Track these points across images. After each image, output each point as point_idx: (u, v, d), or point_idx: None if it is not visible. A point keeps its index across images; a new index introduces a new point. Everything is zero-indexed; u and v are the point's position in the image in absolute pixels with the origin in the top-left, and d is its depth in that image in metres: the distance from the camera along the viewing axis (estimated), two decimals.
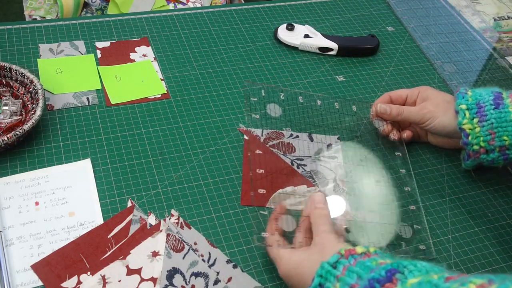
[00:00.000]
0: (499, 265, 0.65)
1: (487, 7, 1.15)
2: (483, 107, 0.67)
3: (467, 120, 0.68)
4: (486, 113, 0.67)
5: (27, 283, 0.57)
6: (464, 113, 0.68)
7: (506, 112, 0.66)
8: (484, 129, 0.67)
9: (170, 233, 0.62)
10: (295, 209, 0.68)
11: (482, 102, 0.68)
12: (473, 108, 0.68)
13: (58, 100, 0.77)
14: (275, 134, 0.76)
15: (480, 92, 0.69)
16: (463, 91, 0.70)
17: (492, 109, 0.67)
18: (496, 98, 0.68)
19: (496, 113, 0.66)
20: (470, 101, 0.68)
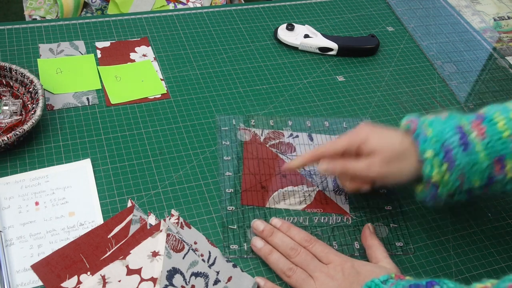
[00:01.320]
0: (499, 265, 0.65)
1: (487, 7, 1.15)
2: (451, 150, 0.58)
3: (436, 171, 0.58)
4: (455, 158, 0.58)
5: (27, 283, 0.57)
6: (431, 163, 0.59)
7: (474, 153, 0.58)
8: (454, 176, 0.59)
9: (170, 233, 0.62)
10: (294, 209, 0.68)
11: (448, 144, 0.58)
12: (439, 153, 0.58)
13: (58, 100, 0.77)
14: (275, 134, 0.76)
15: (442, 129, 0.59)
16: (421, 129, 0.60)
17: (461, 151, 0.58)
18: (462, 137, 0.58)
19: (466, 156, 0.58)
20: (434, 144, 0.59)
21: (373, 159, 0.62)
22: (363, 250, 0.64)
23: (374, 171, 0.62)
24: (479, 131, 0.58)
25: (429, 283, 0.51)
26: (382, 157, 0.62)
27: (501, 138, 0.57)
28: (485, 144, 0.58)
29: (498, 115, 0.59)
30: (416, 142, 0.60)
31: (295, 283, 0.59)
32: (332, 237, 0.66)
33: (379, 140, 0.62)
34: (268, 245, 0.62)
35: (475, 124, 0.59)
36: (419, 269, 0.64)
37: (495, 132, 0.58)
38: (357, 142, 0.63)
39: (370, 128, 0.64)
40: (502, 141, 0.57)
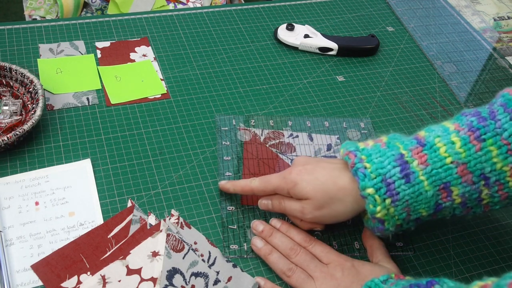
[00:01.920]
0: (499, 265, 0.65)
1: (487, 7, 1.15)
2: (392, 183, 0.55)
3: (380, 207, 0.56)
4: (398, 191, 0.55)
5: (27, 283, 0.57)
6: (374, 199, 0.56)
7: (418, 183, 0.55)
8: (399, 209, 0.56)
9: (170, 233, 0.62)
10: None
11: (388, 177, 0.55)
12: (381, 188, 0.55)
13: (58, 100, 0.77)
14: (275, 134, 0.76)
15: (381, 161, 0.57)
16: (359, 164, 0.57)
17: (404, 184, 0.55)
18: (403, 168, 0.56)
19: (408, 187, 0.55)
20: (374, 179, 0.56)
21: (306, 204, 0.60)
22: (363, 250, 0.64)
23: (308, 215, 0.60)
24: (420, 159, 0.56)
25: (429, 283, 0.51)
26: (314, 202, 0.59)
27: (444, 164, 0.55)
28: (428, 173, 0.55)
29: (439, 141, 0.56)
30: (356, 178, 0.57)
31: (295, 283, 0.59)
32: (332, 237, 0.66)
33: (308, 185, 0.59)
34: (268, 245, 0.62)
35: (416, 152, 0.56)
36: (419, 269, 0.64)
37: (437, 159, 0.56)
38: (287, 187, 0.61)
39: (300, 170, 0.60)
40: (445, 167, 0.55)
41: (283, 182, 0.61)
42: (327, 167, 0.60)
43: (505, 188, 0.56)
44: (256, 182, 0.63)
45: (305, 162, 0.62)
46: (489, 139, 0.55)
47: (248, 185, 0.64)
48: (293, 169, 0.61)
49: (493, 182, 0.56)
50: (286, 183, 0.61)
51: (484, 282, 0.45)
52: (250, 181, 0.64)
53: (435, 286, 0.51)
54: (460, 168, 0.55)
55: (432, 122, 0.82)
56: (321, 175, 0.59)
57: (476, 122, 0.56)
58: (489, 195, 0.57)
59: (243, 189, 0.65)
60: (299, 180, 0.60)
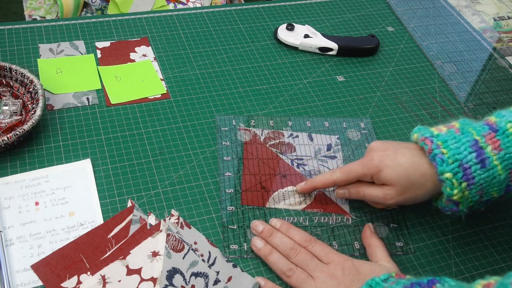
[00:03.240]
0: (499, 265, 0.65)
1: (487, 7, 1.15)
2: (468, 168, 0.58)
3: (457, 191, 0.59)
4: (474, 175, 0.58)
5: (27, 283, 0.57)
6: (451, 183, 0.59)
7: (493, 168, 0.59)
8: (473, 192, 0.59)
9: (170, 233, 0.62)
10: (294, 209, 0.68)
11: (465, 163, 0.59)
12: (458, 173, 0.59)
13: (58, 100, 0.77)
14: (275, 134, 0.76)
15: (457, 147, 0.59)
16: (437, 150, 0.60)
17: (479, 168, 0.58)
18: (478, 154, 0.59)
19: (484, 172, 0.58)
20: (452, 165, 0.59)
21: (389, 191, 0.63)
22: (363, 250, 0.64)
23: (391, 201, 0.63)
24: (493, 145, 0.59)
25: (430, 281, 0.52)
26: (397, 188, 0.62)
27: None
28: (501, 157, 0.58)
29: (511, 126, 0.59)
30: (434, 163, 0.60)
31: (295, 283, 0.59)
32: (332, 237, 0.66)
33: (392, 171, 0.62)
34: (268, 245, 0.62)
35: (489, 138, 0.59)
36: (419, 269, 0.64)
37: (510, 144, 0.59)
38: (370, 173, 0.63)
39: (382, 155, 0.63)
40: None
41: (366, 169, 0.63)
42: (407, 153, 0.63)
43: None
44: (338, 174, 0.65)
45: (385, 148, 0.64)
46: None
47: (329, 179, 0.66)
48: (374, 155, 0.63)
49: None
50: (369, 169, 0.63)
51: (486, 281, 0.45)
52: (331, 174, 0.66)
53: (436, 285, 0.51)
54: None
55: (432, 122, 0.82)
56: (403, 161, 0.62)
57: None
58: None
59: (325, 184, 0.67)
60: (383, 166, 0.62)
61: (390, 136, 0.79)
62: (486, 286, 0.44)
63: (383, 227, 0.67)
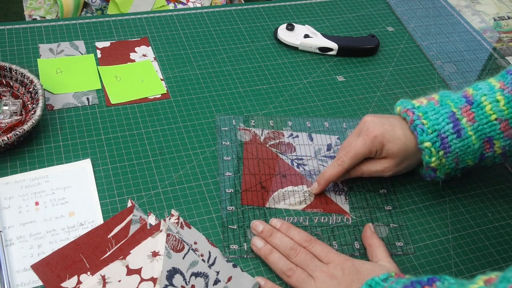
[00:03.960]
0: (499, 265, 0.65)
1: (487, 7, 1.15)
2: (445, 138, 0.64)
3: (434, 158, 0.65)
4: (450, 144, 0.64)
5: (27, 283, 0.57)
6: (430, 151, 0.65)
7: (467, 138, 0.64)
8: (450, 159, 0.65)
9: (170, 233, 0.62)
10: (294, 209, 0.68)
11: (443, 133, 0.64)
12: (436, 142, 0.64)
13: (58, 100, 0.77)
14: (275, 134, 0.76)
15: (436, 119, 0.65)
16: (418, 121, 0.65)
17: (455, 138, 0.64)
18: (455, 125, 0.64)
19: (459, 141, 0.64)
20: (431, 135, 0.64)
21: (388, 164, 0.67)
22: (363, 250, 0.64)
23: (388, 173, 0.68)
24: (468, 117, 0.65)
25: (430, 280, 0.52)
26: (396, 160, 0.67)
27: (489, 121, 0.64)
28: (475, 128, 0.64)
29: (485, 99, 0.64)
30: (415, 133, 0.65)
31: (295, 283, 0.59)
32: (332, 237, 0.66)
33: (393, 145, 0.66)
34: (268, 245, 0.62)
35: (465, 110, 0.65)
36: (419, 269, 0.64)
37: (483, 117, 0.64)
38: (375, 150, 0.67)
39: (382, 131, 0.66)
40: (490, 124, 0.64)
41: (372, 147, 0.66)
42: (399, 125, 0.67)
43: None
44: (347, 162, 0.67)
45: (381, 123, 0.67)
46: None
47: (341, 171, 0.67)
48: (375, 131, 0.66)
49: None
50: (375, 146, 0.66)
51: (488, 276, 0.45)
52: (340, 165, 0.67)
53: (436, 283, 0.51)
54: (503, 124, 0.64)
55: None
56: (400, 135, 0.66)
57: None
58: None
59: (339, 176, 0.68)
60: (385, 141, 0.66)
61: None
62: (487, 281, 0.44)
63: (383, 227, 0.67)
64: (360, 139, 0.67)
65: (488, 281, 0.44)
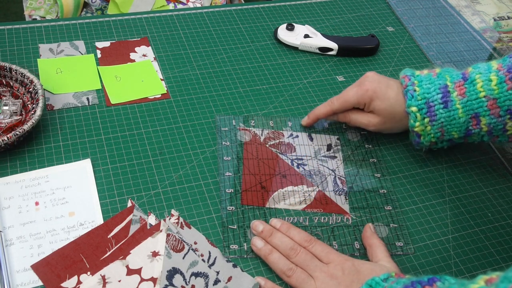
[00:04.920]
0: (499, 265, 0.66)
1: (487, 7, 1.15)
2: (433, 106, 0.68)
3: (418, 123, 0.69)
4: (436, 113, 0.68)
5: (27, 283, 0.57)
6: (415, 116, 0.69)
7: (454, 110, 0.68)
8: (435, 128, 0.69)
9: (170, 233, 0.62)
10: (294, 209, 0.68)
11: (431, 101, 0.68)
12: (423, 108, 0.69)
13: (58, 100, 0.77)
14: (275, 134, 0.76)
15: (428, 88, 0.69)
16: (410, 87, 0.70)
17: (442, 108, 0.68)
18: (444, 96, 0.68)
19: (445, 112, 0.68)
20: (419, 101, 0.69)
21: (373, 119, 0.73)
22: (363, 250, 0.64)
23: (371, 128, 0.74)
24: (459, 91, 0.68)
25: (430, 280, 0.52)
26: (381, 118, 0.72)
27: (477, 98, 0.66)
28: (464, 103, 0.67)
29: (479, 77, 0.67)
30: (405, 97, 0.70)
31: (295, 283, 0.59)
32: (332, 237, 0.66)
33: (381, 103, 0.71)
34: (268, 245, 0.62)
35: (458, 85, 0.68)
36: (419, 269, 0.64)
37: (473, 93, 0.67)
38: (364, 102, 0.72)
39: (375, 87, 0.71)
40: (478, 100, 0.66)
41: (361, 98, 0.72)
42: (395, 88, 0.72)
43: None
44: (336, 105, 0.74)
45: (379, 80, 0.72)
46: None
47: (329, 110, 0.74)
48: (369, 86, 0.72)
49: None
50: (363, 99, 0.72)
51: (489, 276, 0.45)
52: (330, 105, 0.74)
53: (436, 283, 0.51)
54: (490, 102, 0.66)
55: None
56: (391, 96, 0.71)
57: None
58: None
59: (326, 114, 0.75)
60: (374, 97, 0.71)
61: (390, 137, 0.79)
62: (488, 281, 0.44)
63: (383, 227, 0.67)
64: (354, 89, 0.73)
65: (489, 281, 0.44)
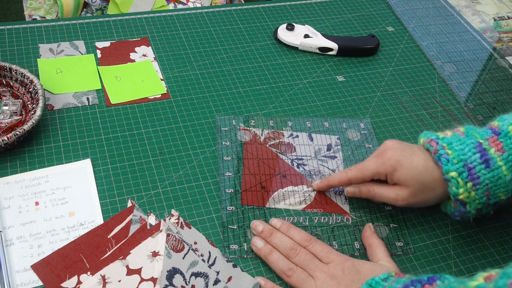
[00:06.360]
0: (499, 265, 0.65)
1: (487, 7, 1.15)
2: (473, 168, 0.60)
3: (462, 189, 0.60)
4: (479, 175, 0.60)
5: (27, 283, 0.57)
6: (457, 182, 0.60)
7: (497, 168, 0.60)
8: (480, 192, 0.60)
9: (170, 233, 0.62)
10: (294, 209, 0.68)
11: (470, 163, 0.60)
12: (463, 172, 0.60)
13: (58, 100, 0.77)
14: (275, 134, 0.76)
15: (461, 149, 0.61)
16: (442, 151, 0.61)
17: (484, 168, 0.60)
18: (482, 155, 0.60)
19: (488, 172, 0.60)
20: (456, 164, 0.60)
21: (401, 192, 0.63)
22: (363, 250, 0.64)
23: (402, 202, 0.64)
24: (497, 147, 0.60)
25: (430, 278, 0.52)
26: (410, 190, 0.63)
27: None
28: (505, 158, 0.60)
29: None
30: (439, 163, 0.61)
31: (295, 283, 0.59)
32: (332, 237, 0.66)
33: (407, 172, 0.62)
34: (268, 245, 0.62)
35: (492, 140, 0.61)
36: (419, 269, 0.64)
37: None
38: (385, 172, 0.64)
39: (399, 155, 0.63)
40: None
41: (381, 167, 0.64)
42: (421, 156, 0.63)
43: None
44: (353, 172, 0.66)
45: (401, 148, 0.64)
46: None
47: (344, 177, 0.66)
48: (391, 154, 0.63)
49: None
50: (385, 168, 0.63)
51: (488, 273, 0.44)
52: (346, 172, 0.66)
53: (436, 282, 0.51)
54: None
55: (432, 122, 0.82)
56: (418, 164, 0.63)
57: None
58: None
59: (341, 182, 0.67)
60: (398, 166, 0.63)
61: (390, 136, 0.79)
62: (487, 278, 0.44)
63: (383, 227, 0.67)
64: (373, 159, 0.65)
65: (488, 278, 0.44)
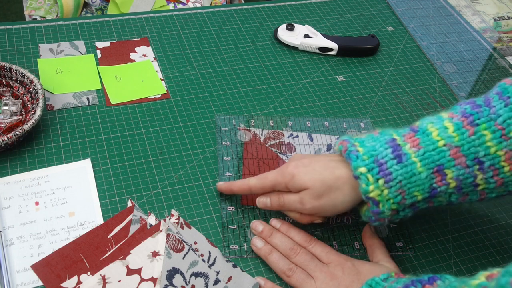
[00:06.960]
0: (499, 265, 0.65)
1: (487, 7, 1.15)
2: (384, 163, 0.56)
3: (372, 186, 0.55)
4: (391, 171, 0.55)
5: (27, 283, 0.57)
6: (366, 178, 0.56)
7: (411, 164, 0.56)
8: (393, 190, 0.56)
9: (170, 233, 0.62)
10: None
11: (380, 158, 0.56)
12: (373, 168, 0.56)
13: (58, 100, 0.77)
14: (275, 134, 0.76)
15: (373, 146, 0.58)
16: (352, 148, 0.58)
17: (396, 164, 0.56)
18: (394, 150, 0.56)
19: (401, 168, 0.55)
20: (366, 160, 0.56)
21: (304, 195, 0.60)
22: (363, 250, 0.64)
23: (307, 206, 0.60)
24: (412, 143, 0.57)
25: (431, 278, 0.52)
26: (312, 191, 0.59)
27: (437, 147, 0.56)
28: (421, 155, 0.56)
29: (431, 126, 0.57)
30: (349, 161, 0.58)
31: (295, 283, 0.59)
32: (332, 237, 0.66)
33: (305, 175, 0.59)
34: (268, 245, 0.62)
35: (409, 137, 0.57)
36: (419, 269, 0.64)
37: (429, 143, 0.56)
38: (284, 180, 0.61)
39: (297, 164, 0.61)
40: (437, 150, 0.56)
41: (280, 176, 0.61)
42: (323, 159, 0.61)
43: (500, 173, 0.56)
44: (254, 180, 0.63)
45: (302, 157, 0.63)
46: (482, 124, 0.55)
47: (245, 184, 0.64)
48: (290, 163, 0.62)
49: (487, 166, 0.55)
50: (283, 176, 0.61)
51: (489, 272, 0.44)
52: (248, 180, 0.64)
53: (437, 281, 0.51)
54: (453, 150, 0.55)
55: None
56: (318, 166, 0.60)
57: (470, 109, 0.57)
58: (484, 180, 0.56)
59: (241, 188, 0.65)
60: (296, 172, 0.60)
61: None
62: (489, 277, 0.44)
63: (383, 227, 0.67)
64: (275, 169, 0.63)
65: (490, 277, 0.44)
